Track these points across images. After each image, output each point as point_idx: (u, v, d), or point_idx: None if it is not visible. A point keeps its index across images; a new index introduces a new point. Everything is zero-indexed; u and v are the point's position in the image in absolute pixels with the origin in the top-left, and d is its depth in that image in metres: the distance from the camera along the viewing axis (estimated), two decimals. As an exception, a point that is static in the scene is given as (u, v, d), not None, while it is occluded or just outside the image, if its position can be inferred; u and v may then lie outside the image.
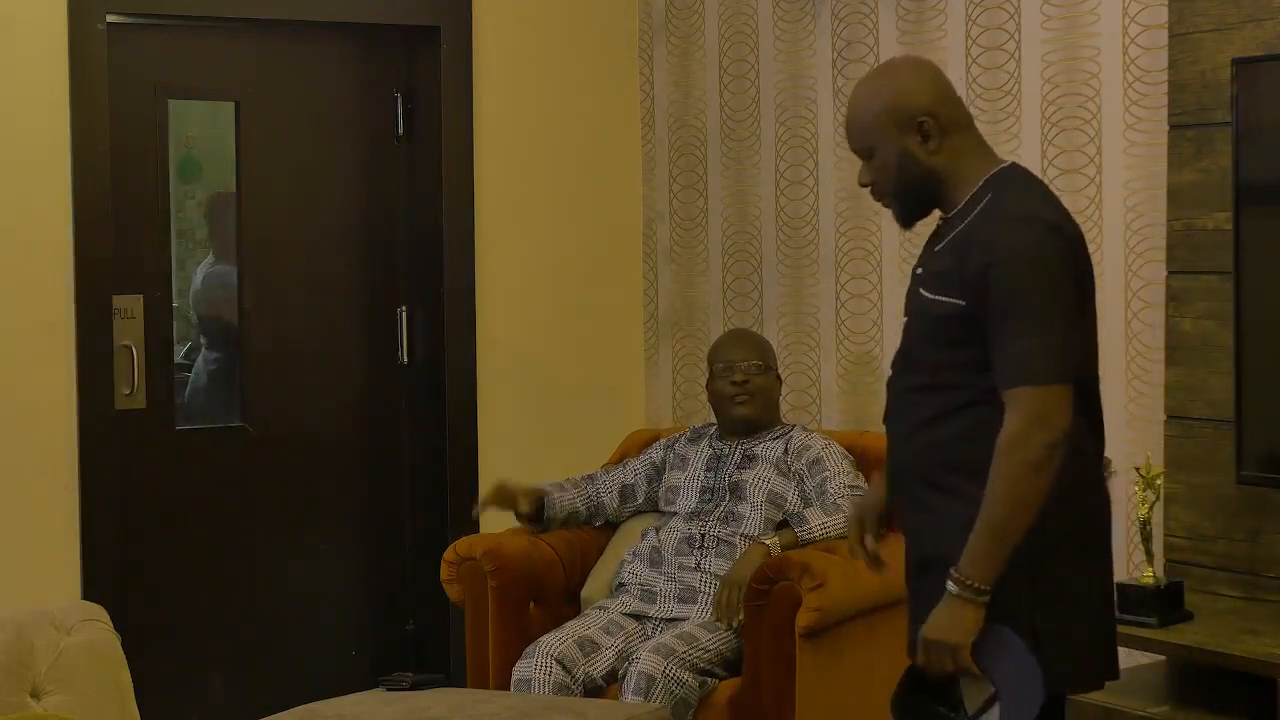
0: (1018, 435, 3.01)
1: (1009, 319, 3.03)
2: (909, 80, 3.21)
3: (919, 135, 3.16)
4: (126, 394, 5.13)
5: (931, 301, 3.15)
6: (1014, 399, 3.03)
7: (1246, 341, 3.98)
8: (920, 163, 3.17)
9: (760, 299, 5.47)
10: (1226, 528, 4.16)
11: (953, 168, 3.18)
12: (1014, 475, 3.01)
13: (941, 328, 3.14)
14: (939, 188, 3.19)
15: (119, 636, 3.84)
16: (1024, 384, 3.02)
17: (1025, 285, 3.03)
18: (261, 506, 5.41)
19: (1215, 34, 4.14)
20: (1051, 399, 3.02)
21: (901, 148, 3.17)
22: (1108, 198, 4.52)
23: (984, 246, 3.07)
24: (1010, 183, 3.17)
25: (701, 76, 5.60)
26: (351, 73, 5.55)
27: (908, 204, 3.24)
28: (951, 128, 3.18)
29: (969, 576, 3.03)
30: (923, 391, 3.18)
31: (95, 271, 4.99)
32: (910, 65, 3.30)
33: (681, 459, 4.87)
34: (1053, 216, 3.12)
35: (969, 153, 3.20)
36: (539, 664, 4.43)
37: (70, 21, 4.92)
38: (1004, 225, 3.08)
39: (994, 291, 3.04)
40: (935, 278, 3.16)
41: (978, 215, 3.13)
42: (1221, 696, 3.80)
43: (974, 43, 4.83)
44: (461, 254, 5.49)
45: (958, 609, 3.05)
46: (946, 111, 3.19)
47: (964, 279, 3.09)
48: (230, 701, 5.32)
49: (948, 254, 3.15)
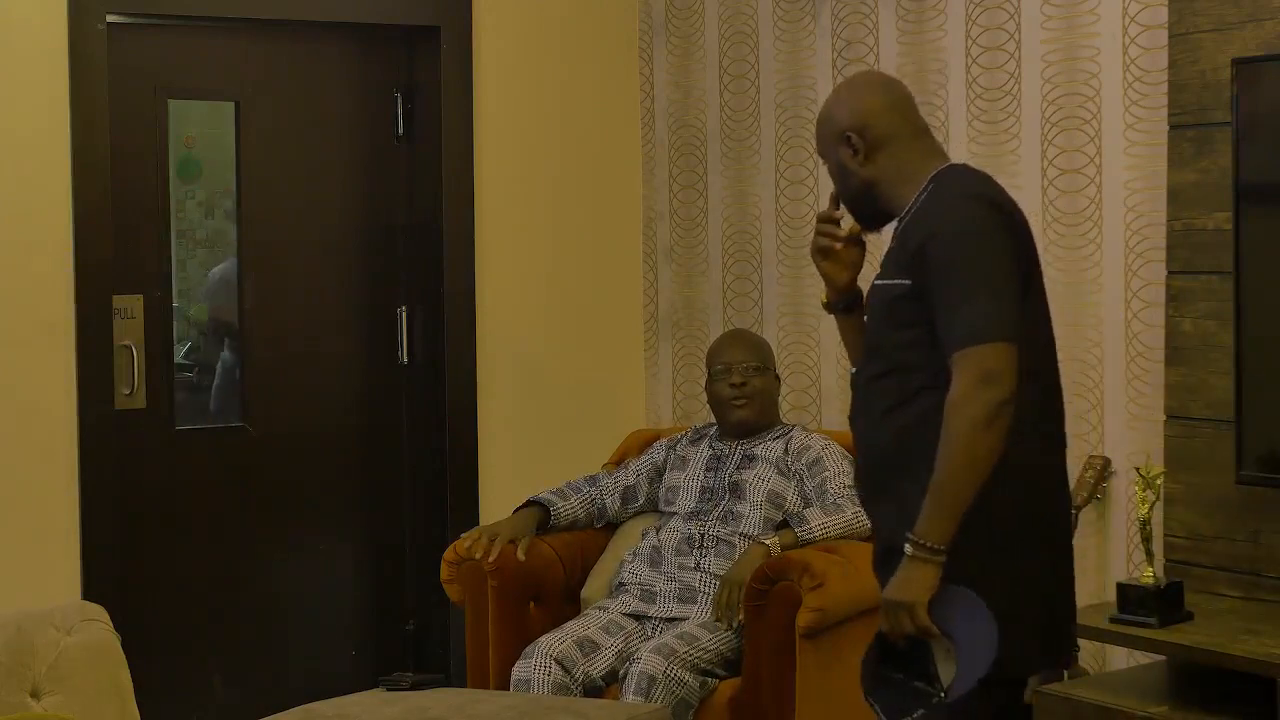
0: (964, 394, 3.06)
1: (949, 286, 3.11)
2: (848, 96, 3.38)
3: (849, 148, 3.32)
4: (126, 394, 5.13)
5: (883, 286, 3.25)
6: (959, 361, 3.08)
7: (1246, 341, 3.98)
8: (853, 174, 3.33)
9: (760, 299, 5.47)
10: (1226, 528, 4.16)
11: (888, 177, 3.31)
12: (963, 434, 3.05)
13: (893, 310, 3.22)
14: (877, 195, 3.32)
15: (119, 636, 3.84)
16: (967, 345, 3.07)
17: (962, 253, 3.12)
18: (261, 506, 5.41)
19: (1215, 34, 4.14)
20: (996, 356, 3.07)
21: (838, 160, 3.35)
22: (1108, 198, 4.52)
23: (923, 224, 3.19)
24: (953, 173, 3.29)
25: (701, 76, 5.60)
26: (351, 73, 5.55)
27: (854, 210, 3.40)
28: (885, 141, 3.31)
29: (923, 536, 3.08)
30: (884, 379, 3.24)
31: (95, 271, 5.00)
32: (856, 81, 3.48)
33: (682, 459, 4.87)
34: (991, 194, 3.22)
35: (911, 159, 3.31)
36: (538, 664, 4.42)
37: (70, 21, 4.92)
38: (942, 203, 3.20)
39: (933, 263, 3.13)
40: (886, 268, 3.26)
41: (920, 204, 3.24)
42: (1221, 696, 3.80)
43: (974, 43, 4.83)
44: (461, 254, 5.49)
45: (914, 569, 3.09)
46: (880, 125, 3.32)
47: (908, 258, 3.18)
48: (230, 701, 5.32)
49: (895, 245, 3.26)
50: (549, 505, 4.82)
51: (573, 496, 4.88)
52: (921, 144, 3.34)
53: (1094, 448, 4.56)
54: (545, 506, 4.82)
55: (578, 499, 4.88)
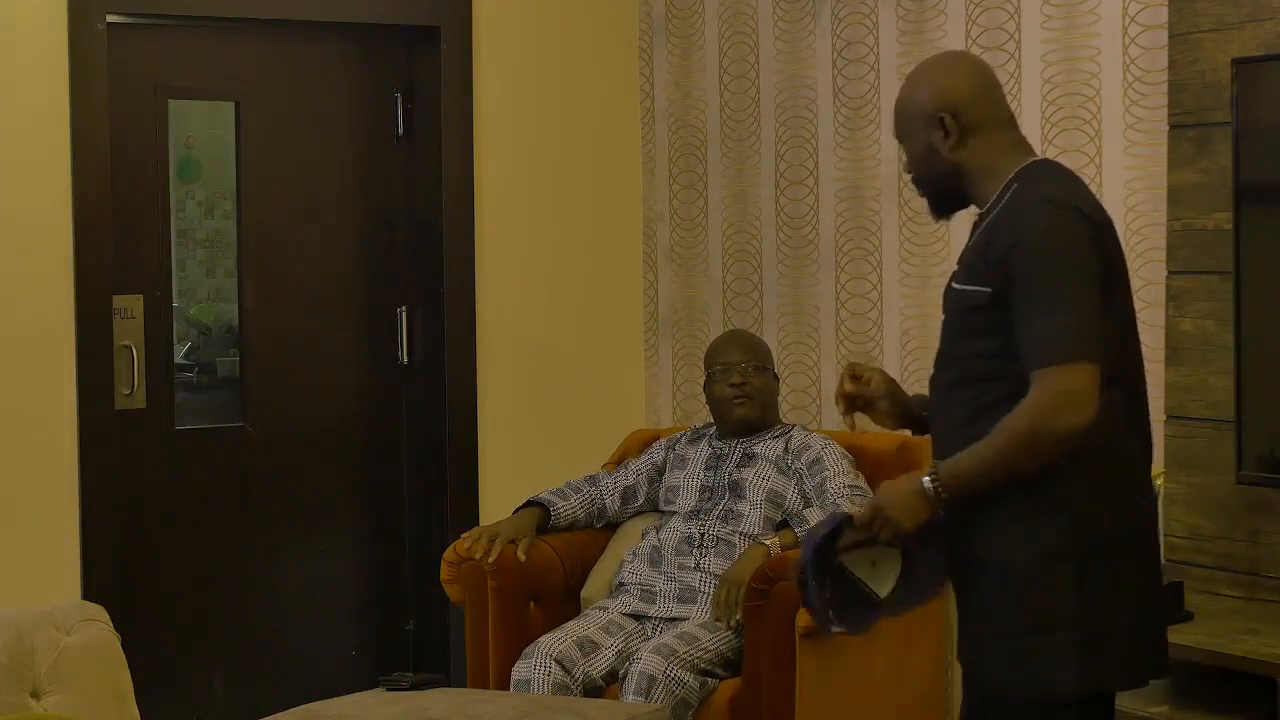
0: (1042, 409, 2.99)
1: (1030, 299, 3.03)
2: (939, 76, 3.27)
3: (941, 130, 3.21)
4: (126, 394, 5.13)
5: (960, 292, 3.16)
6: (1039, 379, 3.01)
7: (1246, 341, 3.98)
8: (942, 158, 3.22)
9: (760, 299, 5.47)
10: (1226, 528, 4.16)
11: (978, 164, 3.21)
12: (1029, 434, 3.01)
13: (971, 318, 3.14)
14: (963, 182, 3.23)
15: (119, 636, 3.84)
16: (1049, 364, 3.00)
17: (1045, 264, 3.03)
18: (261, 506, 5.41)
19: (1215, 34, 4.14)
20: (1077, 377, 2.99)
21: (926, 142, 3.23)
22: (1108, 198, 4.51)
23: (1008, 230, 3.09)
24: (1039, 172, 3.20)
25: (701, 76, 5.60)
26: (351, 73, 5.55)
27: (933, 196, 3.30)
28: (978, 125, 3.21)
29: (944, 482, 3.09)
30: (959, 387, 3.18)
31: (95, 271, 5.00)
32: (946, 61, 3.40)
33: (681, 459, 4.87)
34: (1077, 201, 3.12)
35: (999, 150, 3.22)
36: (538, 664, 4.42)
37: (70, 21, 4.92)
38: (1027, 209, 3.10)
39: (1017, 273, 3.04)
40: (964, 269, 3.18)
41: (1004, 205, 3.15)
42: (1221, 696, 3.79)
43: (974, 43, 4.83)
44: (461, 254, 5.49)
45: (918, 499, 3.11)
46: (974, 109, 3.22)
47: (989, 265, 3.09)
48: (230, 701, 5.33)
49: (975, 245, 3.17)
50: (549, 505, 4.82)
51: (573, 496, 4.87)
52: (1010, 134, 3.25)
53: (1094, 448, 4.55)
54: (545, 507, 4.82)
55: (578, 499, 4.88)
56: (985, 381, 3.13)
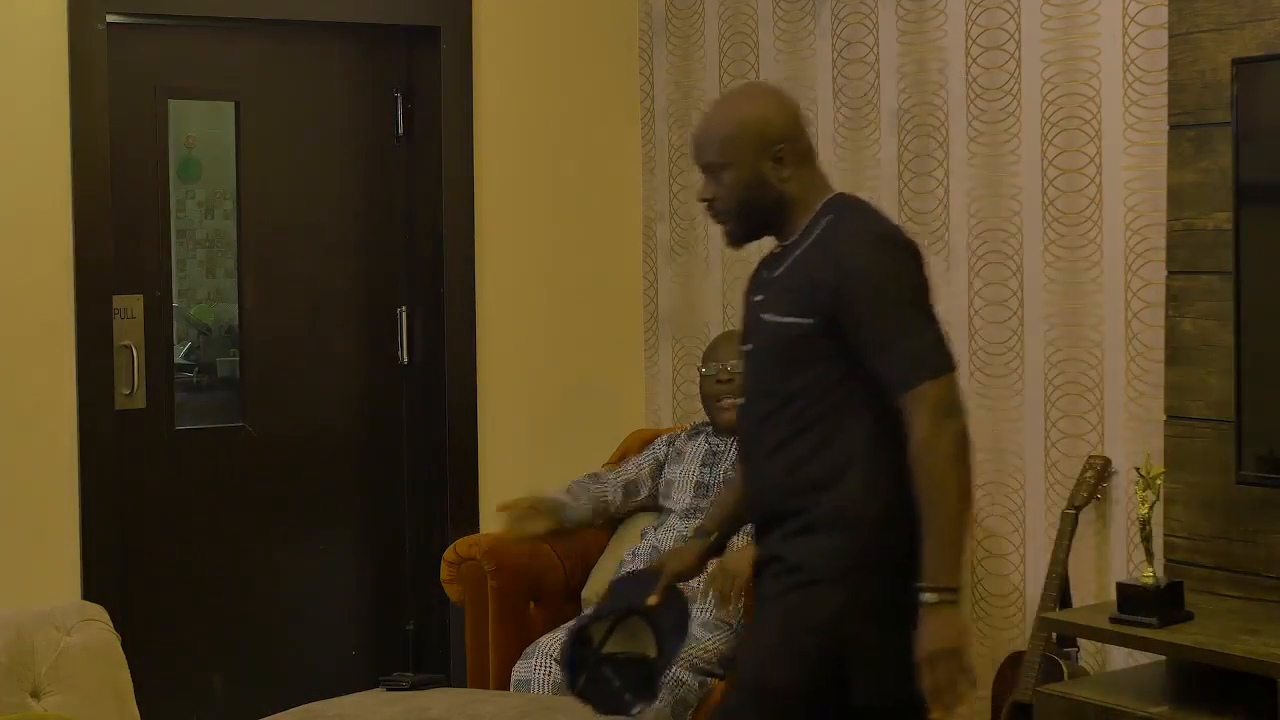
0: (931, 432, 3.10)
1: (876, 329, 3.14)
2: (773, 106, 3.32)
3: (775, 160, 3.27)
4: (126, 394, 5.13)
5: (778, 325, 3.24)
6: (915, 399, 3.11)
7: (1246, 341, 3.98)
8: (772, 187, 3.28)
9: (760, 299, 5.46)
10: (1226, 528, 4.16)
11: (798, 195, 3.29)
12: (943, 471, 3.09)
13: (791, 349, 3.22)
14: (782, 213, 3.30)
15: (119, 636, 3.85)
16: (922, 381, 3.11)
17: (891, 293, 3.15)
18: (261, 506, 5.41)
19: (1215, 34, 4.14)
20: (947, 387, 3.13)
21: (757, 169, 3.27)
22: (1108, 198, 4.52)
23: (831, 263, 3.18)
24: (847, 206, 3.30)
25: (701, 76, 5.60)
26: (351, 73, 5.55)
27: (747, 225, 3.35)
28: (803, 157, 3.30)
29: (939, 581, 3.10)
30: (776, 414, 3.25)
31: (95, 271, 5.00)
32: (774, 92, 3.42)
33: (679, 454, 4.88)
34: (897, 232, 3.28)
35: (812, 183, 3.32)
36: (538, 664, 4.43)
37: (70, 21, 4.92)
38: (849, 242, 3.20)
39: (858, 306, 3.14)
40: (780, 301, 3.25)
41: (819, 237, 3.24)
42: (1221, 696, 3.79)
43: (974, 43, 4.83)
44: (461, 254, 5.49)
45: (948, 614, 3.10)
46: (801, 141, 3.31)
47: (814, 298, 3.18)
48: (230, 701, 5.33)
49: (791, 276, 3.25)
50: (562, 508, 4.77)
51: (582, 496, 4.85)
52: (818, 167, 3.35)
53: (1094, 448, 4.56)
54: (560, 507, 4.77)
55: (586, 499, 4.86)
56: (802, 407, 3.21)
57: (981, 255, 4.83)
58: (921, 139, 4.98)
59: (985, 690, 4.73)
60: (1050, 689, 4.03)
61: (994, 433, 4.80)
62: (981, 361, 4.83)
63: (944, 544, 3.10)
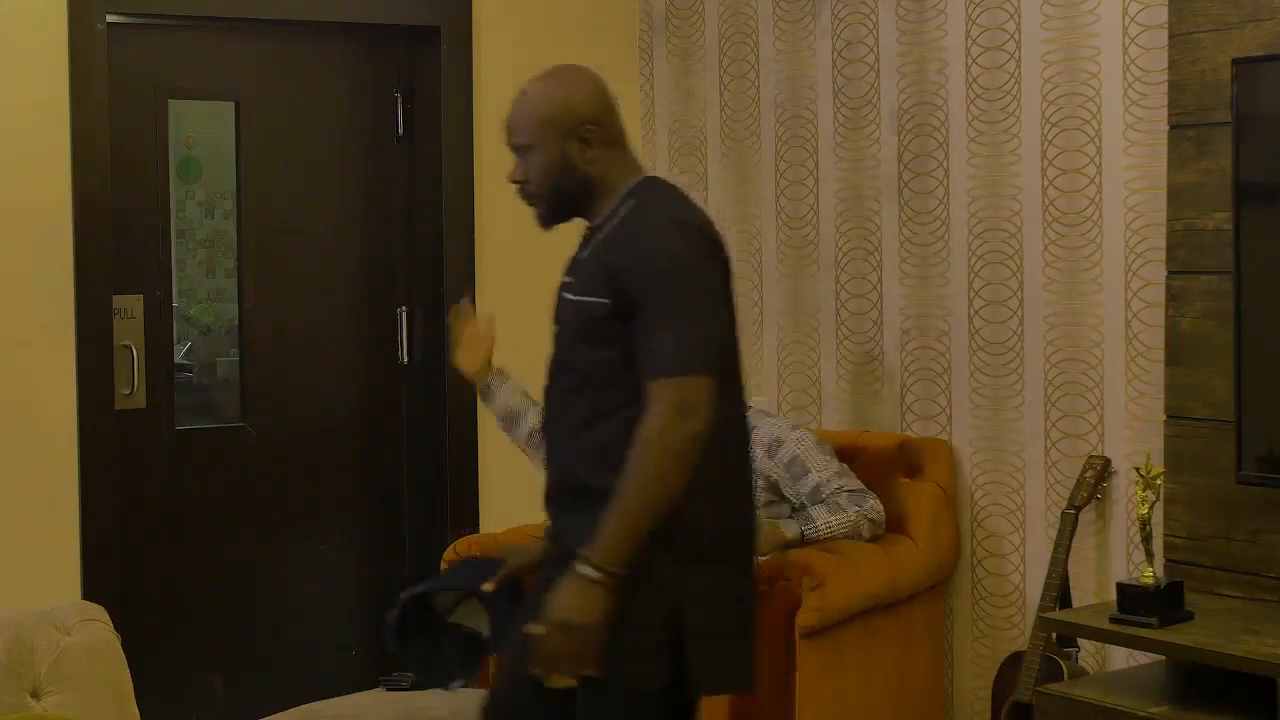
0: (661, 425, 3.07)
1: (653, 314, 3.11)
2: (581, 89, 3.34)
3: (581, 142, 3.29)
4: (126, 394, 5.13)
5: (577, 304, 3.24)
6: (656, 390, 3.09)
7: (1246, 341, 3.98)
8: (578, 169, 3.30)
9: (760, 299, 5.47)
10: (1226, 528, 4.16)
11: (604, 178, 3.30)
12: (656, 463, 3.06)
13: (589, 329, 3.22)
14: (589, 195, 3.31)
15: (119, 636, 3.85)
16: (666, 375, 3.08)
17: (669, 281, 3.12)
18: (261, 506, 5.41)
19: (1215, 34, 4.14)
20: (694, 389, 3.08)
21: (563, 151, 3.30)
22: (1108, 198, 4.52)
23: (626, 245, 3.18)
24: (651, 190, 3.29)
25: (701, 76, 5.60)
26: (351, 73, 5.55)
27: (556, 207, 3.37)
28: (611, 141, 3.31)
29: (605, 560, 3.06)
30: (577, 394, 3.24)
31: (95, 271, 5.00)
32: (583, 74, 3.41)
33: None
34: (692, 218, 3.23)
35: (619, 166, 3.32)
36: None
37: (70, 21, 4.92)
38: (651, 226, 3.19)
39: (637, 288, 3.13)
40: (581, 281, 3.25)
41: (620, 219, 3.24)
42: (1221, 696, 3.79)
43: (974, 43, 4.83)
44: (461, 254, 5.49)
45: (593, 591, 3.06)
46: (610, 125, 3.32)
47: (609, 278, 3.17)
48: (230, 701, 5.33)
49: (593, 258, 3.25)
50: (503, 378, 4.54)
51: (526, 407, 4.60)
52: (627, 151, 3.35)
53: (1094, 448, 4.56)
54: None
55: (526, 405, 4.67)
56: (602, 389, 3.20)
57: (981, 255, 4.83)
58: (921, 139, 4.98)
59: (985, 690, 4.73)
60: (1050, 689, 4.03)
61: (994, 433, 4.80)
62: (981, 361, 4.83)
63: (624, 529, 3.06)
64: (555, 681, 3.10)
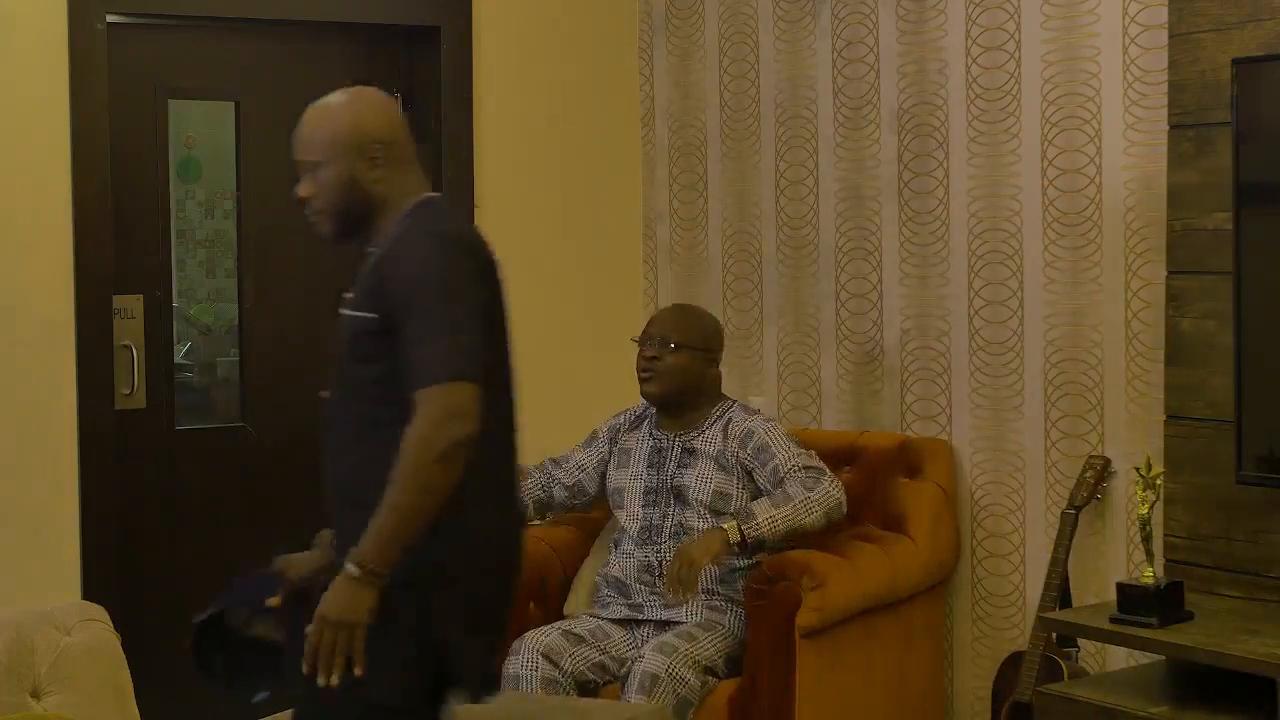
0: (427, 429, 3.09)
1: (416, 324, 3.15)
2: (371, 109, 3.39)
3: (368, 162, 3.32)
4: (126, 394, 5.13)
5: (351, 319, 3.29)
6: (423, 397, 3.11)
7: (1246, 341, 3.98)
8: (363, 188, 3.33)
9: (760, 299, 5.47)
10: (1226, 528, 4.16)
11: (388, 197, 3.33)
12: (422, 466, 3.08)
13: (360, 344, 3.26)
14: (373, 214, 3.34)
15: (119, 636, 3.85)
16: (430, 383, 3.11)
17: (430, 292, 3.16)
18: (261, 506, 5.40)
19: (1215, 34, 4.14)
20: (460, 394, 3.12)
21: (350, 170, 3.33)
22: (1108, 198, 4.52)
23: (393, 262, 3.22)
24: (425, 209, 3.33)
25: (701, 76, 5.60)
26: (351, 73, 5.52)
27: (341, 224, 3.40)
28: (397, 162, 3.34)
29: (371, 560, 3.11)
30: (348, 407, 3.29)
31: (95, 271, 4.99)
32: (374, 95, 3.46)
33: (625, 453, 4.81)
34: (458, 233, 3.29)
35: (404, 186, 3.35)
36: (525, 660, 4.42)
37: (70, 21, 4.91)
38: (410, 244, 3.23)
39: (400, 303, 3.17)
40: (356, 298, 3.30)
41: (395, 236, 3.28)
42: (1221, 696, 3.80)
43: (974, 43, 4.83)
44: (461, 254, 5.48)
45: (359, 590, 3.12)
46: (399, 145, 3.36)
47: (377, 293, 3.22)
48: (230, 701, 5.31)
49: (369, 275, 3.29)
50: None
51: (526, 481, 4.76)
52: (415, 172, 3.39)
53: (1094, 448, 4.56)
54: None
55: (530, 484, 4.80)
56: (374, 404, 3.23)
57: (981, 255, 4.83)
58: (921, 139, 4.98)
59: (985, 690, 4.73)
60: (1050, 689, 4.03)
61: (994, 433, 4.80)
62: (981, 361, 4.84)
63: (389, 531, 3.10)
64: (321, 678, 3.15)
